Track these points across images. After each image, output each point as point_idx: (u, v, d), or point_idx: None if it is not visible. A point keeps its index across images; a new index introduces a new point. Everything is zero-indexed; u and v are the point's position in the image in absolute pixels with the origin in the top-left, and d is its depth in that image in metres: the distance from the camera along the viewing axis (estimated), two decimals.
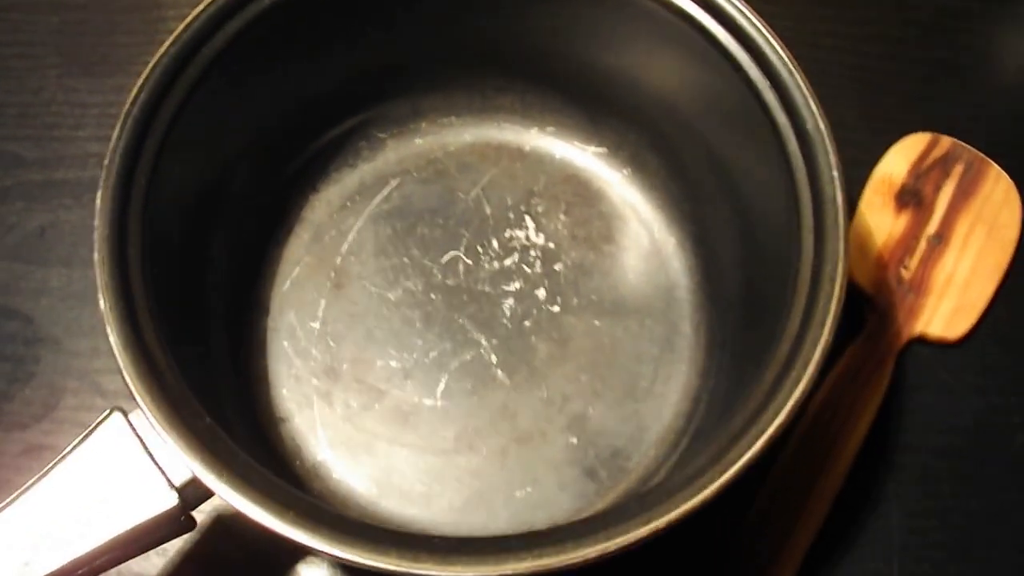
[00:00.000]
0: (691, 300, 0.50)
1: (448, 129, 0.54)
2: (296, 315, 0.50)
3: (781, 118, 0.43)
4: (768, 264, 0.45)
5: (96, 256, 0.39)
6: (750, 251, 0.47)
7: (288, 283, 0.51)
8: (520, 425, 0.48)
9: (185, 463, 0.35)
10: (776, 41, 0.43)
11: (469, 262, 0.51)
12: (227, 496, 0.34)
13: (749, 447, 0.36)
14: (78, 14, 0.56)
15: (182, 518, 0.38)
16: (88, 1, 0.56)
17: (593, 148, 0.53)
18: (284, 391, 0.48)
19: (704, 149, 0.49)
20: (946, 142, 0.53)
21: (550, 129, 0.54)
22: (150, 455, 0.37)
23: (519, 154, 0.54)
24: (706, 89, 0.47)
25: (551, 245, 0.52)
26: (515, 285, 0.51)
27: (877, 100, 0.57)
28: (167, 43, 0.43)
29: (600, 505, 0.47)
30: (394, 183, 0.53)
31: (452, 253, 0.51)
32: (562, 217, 0.52)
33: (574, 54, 0.51)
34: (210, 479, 0.35)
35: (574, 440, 0.48)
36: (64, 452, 0.38)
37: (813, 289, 0.38)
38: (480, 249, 0.51)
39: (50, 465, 0.37)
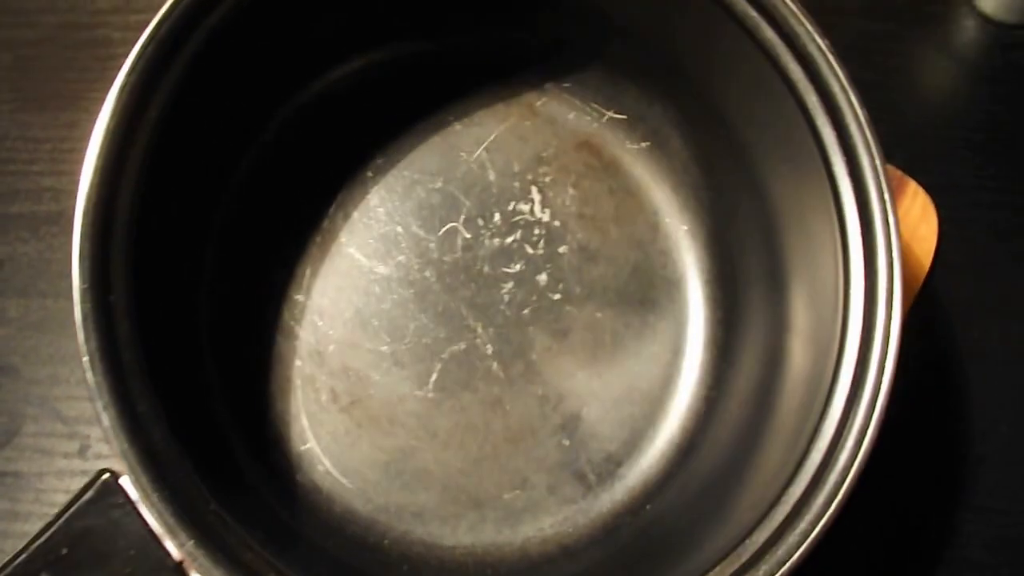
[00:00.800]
0: (700, 301, 0.48)
1: (453, 74, 0.48)
2: (279, 285, 0.46)
3: (836, 159, 0.40)
4: (799, 306, 0.43)
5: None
6: (776, 276, 0.44)
7: (269, 247, 0.46)
8: (512, 423, 0.46)
9: (185, 556, 0.33)
10: (838, 66, 0.39)
11: (468, 236, 0.47)
12: None
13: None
14: (31, 50, 0.56)
15: None
16: (41, 38, 0.56)
17: (612, 114, 0.49)
18: (265, 372, 0.46)
19: (731, 139, 0.45)
20: None
21: (567, 85, 0.49)
22: (145, 523, 0.35)
23: (529, 111, 0.49)
24: (749, 84, 0.43)
25: (556, 223, 0.48)
26: (516, 267, 0.47)
27: None
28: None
29: (587, 510, 0.46)
30: (389, 132, 0.48)
31: (451, 225, 0.47)
32: (570, 191, 0.48)
33: (606, 7, 0.45)
34: None
35: (566, 442, 0.46)
36: (54, 518, 0.36)
37: (851, 401, 0.37)
38: (481, 222, 0.48)
39: (39, 531, 0.36)
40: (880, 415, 0.36)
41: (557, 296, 0.47)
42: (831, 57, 0.39)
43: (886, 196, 0.39)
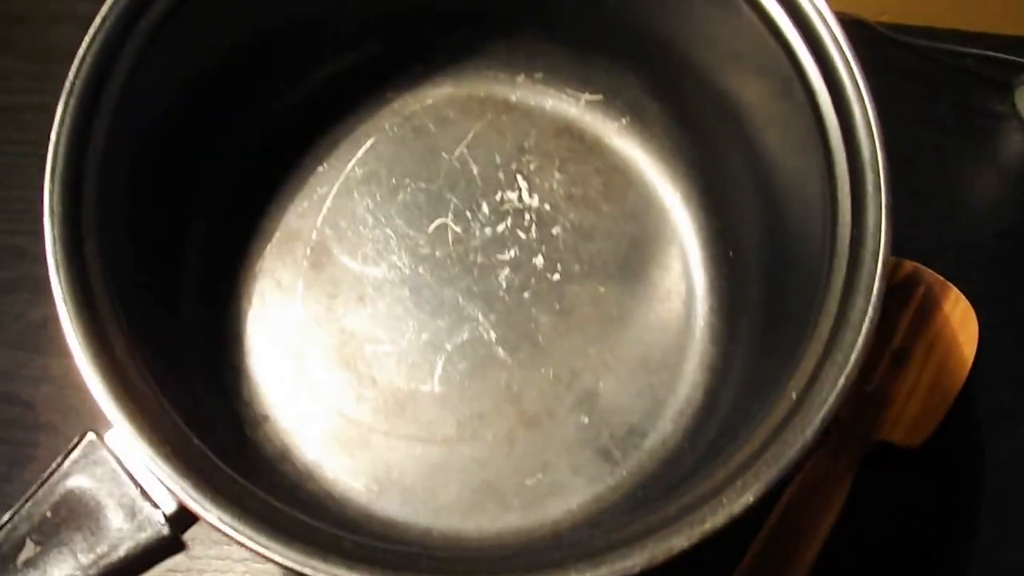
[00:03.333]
0: (702, 260, 0.46)
1: (424, 80, 0.49)
2: (273, 300, 0.46)
3: (812, 72, 0.39)
4: (793, 225, 0.41)
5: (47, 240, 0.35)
6: (769, 206, 0.43)
7: (261, 264, 0.46)
8: (526, 407, 0.44)
9: (180, 496, 0.31)
10: None
11: (458, 230, 0.47)
12: (236, 537, 0.30)
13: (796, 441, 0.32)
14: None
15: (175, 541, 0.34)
16: None
17: (587, 96, 0.49)
18: (266, 386, 0.44)
19: (711, 93, 0.45)
20: (909, 266, 0.53)
21: (539, 76, 0.49)
22: (134, 481, 0.34)
23: (505, 106, 0.49)
24: (714, 26, 0.43)
25: (546, 207, 0.47)
26: (510, 253, 0.46)
27: None
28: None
29: (615, 486, 0.43)
30: (368, 143, 0.48)
31: (439, 221, 0.47)
32: (556, 175, 0.48)
33: None
34: (210, 515, 0.31)
35: (585, 419, 0.44)
36: (39, 481, 0.34)
37: (852, 267, 0.35)
38: (469, 215, 0.47)
39: (25, 496, 0.34)
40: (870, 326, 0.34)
41: (556, 276, 0.46)
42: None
43: (873, 127, 0.38)
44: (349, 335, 0.45)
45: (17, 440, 0.50)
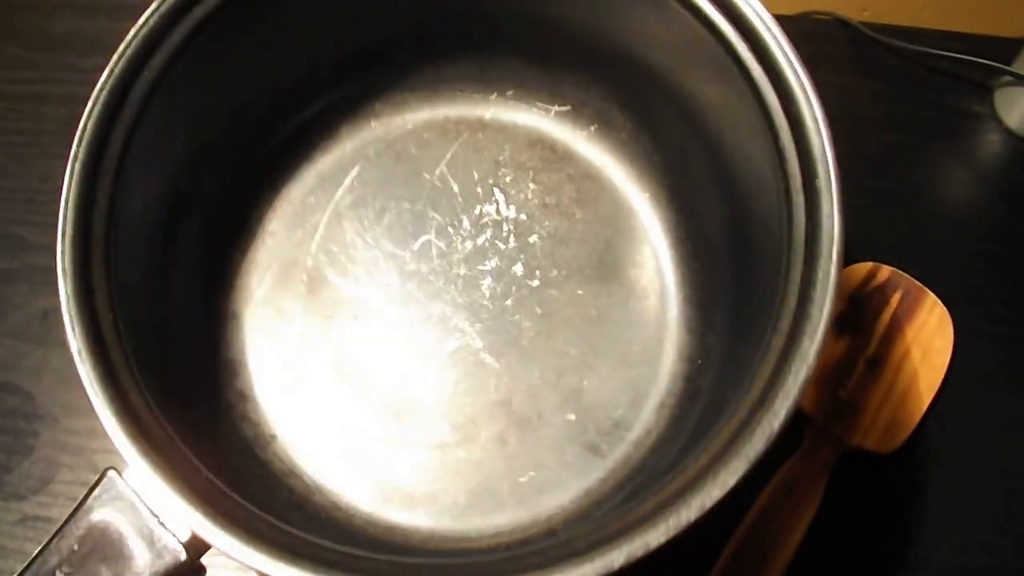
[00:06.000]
0: (672, 257, 0.49)
1: (403, 107, 0.52)
2: (274, 324, 0.49)
3: (756, 71, 0.41)
4: (755, 218, 0.43)
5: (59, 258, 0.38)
6: (732, 203, 0.45)
7: (260, 292, 0.49)
8: (516, 409, 0.47)
9: (192, 524, 0.35)
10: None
11: (442, 245, 0.50)
12: (246, 561, 0.33)
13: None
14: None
15: (192, 567, 0.38)
16: None
17: (556, 108, 0.51)
18: (271, 406, 0.47)
19: (672, 97, 0.47)
20: (886, 271, 0.53)
21: (510, 93, 0.52)
22: (152, 512, 0.37)
23: (480, 124, 0.52)
24: (670, 38, 0.45)
25: (523, 217, 0.50)
26: (491, 263, 0.49)
27: None
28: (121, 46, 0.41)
29: (605, 478, 0.46)
30: (354, 172, 0.51)
31: (424, 238, 0.50)
32: (531, 185, 0.51)
33: (525, 9, 0.49)
34: (219, 541, 0.34)
35: (572, 416, 0.47)
36: (66, 518, 0.37)
37: (809, 258, 0.37)
38: (451, 230, 0.50)
39: (54, 531, 0.37)
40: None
41: (536, 283, 0.49)
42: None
43: (820, 122, 0.40)
44: (345, 352, 0.48)
45: (17, 430, 0.51)
